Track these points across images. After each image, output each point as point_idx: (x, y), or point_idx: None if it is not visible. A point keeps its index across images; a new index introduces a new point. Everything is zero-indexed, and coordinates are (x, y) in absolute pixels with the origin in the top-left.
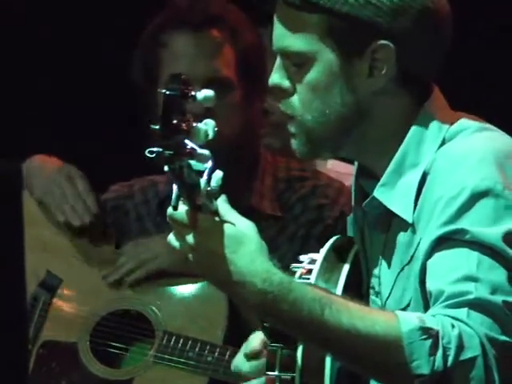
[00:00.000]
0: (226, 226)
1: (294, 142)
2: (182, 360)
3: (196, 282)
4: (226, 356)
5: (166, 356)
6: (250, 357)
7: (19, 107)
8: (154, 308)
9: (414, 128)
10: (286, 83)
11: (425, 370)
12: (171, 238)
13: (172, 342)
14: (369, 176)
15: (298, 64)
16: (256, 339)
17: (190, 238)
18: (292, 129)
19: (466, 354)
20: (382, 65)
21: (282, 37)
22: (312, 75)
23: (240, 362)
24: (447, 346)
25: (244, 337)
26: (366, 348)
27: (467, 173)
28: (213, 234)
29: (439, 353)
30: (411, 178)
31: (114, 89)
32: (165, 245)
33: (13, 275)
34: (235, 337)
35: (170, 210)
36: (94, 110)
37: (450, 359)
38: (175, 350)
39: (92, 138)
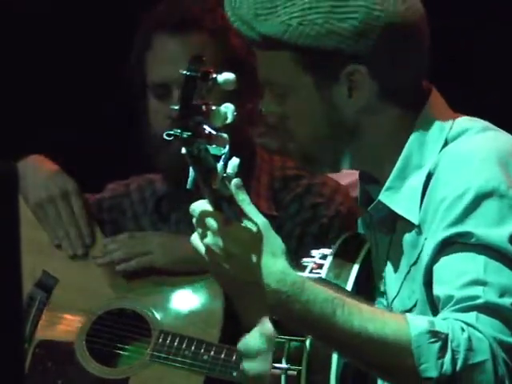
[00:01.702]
0: (245, 229)
1: (299, 161)
2: (178, 359)
3: (192, 282)
4: (222, 355)
5: (162, 355)
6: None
7: (17, 107)
8: (150, 307)
9: (415, 132)
10: (276, 109)
11: (433, 373)
12: (194, 239)
13: (168, 341)
14: (372, 181)
15: (281, 94)
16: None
17: (210, 239)
18: (292, 152)
19: (476, 358)
20: (360, 85)
21: (261, 70)
22: (294, 104)
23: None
24: (456, 349)
25: (241, 335)
26: (376, 350)
27: (471, 173)
28: (234, 239)
29: (448, 356)
30: (416, 180)
31: (112, 88)
32: (161, 242)
33: (9, 275)
34: (231, 336)
35: (192, 207)
36: (92, 109)
37: (459, 363)
38: (171, 349)
39: (89, 137)
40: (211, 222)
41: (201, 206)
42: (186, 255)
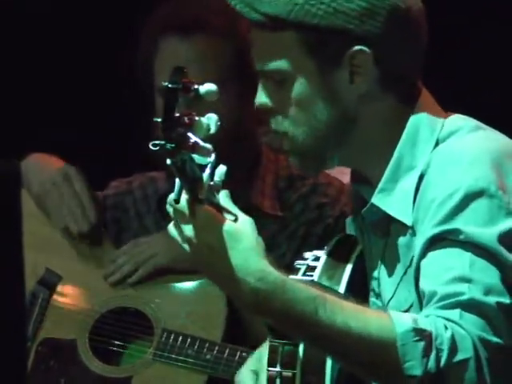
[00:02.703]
0: (224, 221)
1: (291, 160)
2: (181, 358)
3: (195, 280)
4: (225, 354)
5: (165, 354)
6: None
7: (18, 107)
8: (153, 306)
9: (406, 132)
10: (272, 102)
11: (417, 371)
12: (171, 227)
13: (171, 340)
14: (365, 182)
15: (280, 82)
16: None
17: (187, 229)
18: (286, 146)
19: (459, 356)
20: (362, 70)
21: (260, 58)
22: (294, 91)
23: (247, 379)
24: (440, 347)
25: (242, 335)
26: (359, 348)
27: (461, 173)
28: (210, 228)
29: (432, 354)
30: (408, 182)
31: (112, 87)
32: (164, 242)
33: (11, 273)
34: (234, 335)
35: (170, 198)
36: (94, 108)
37: (443, 361)
38: (174, 348)
39: (92, 135)
40: (193, 212)
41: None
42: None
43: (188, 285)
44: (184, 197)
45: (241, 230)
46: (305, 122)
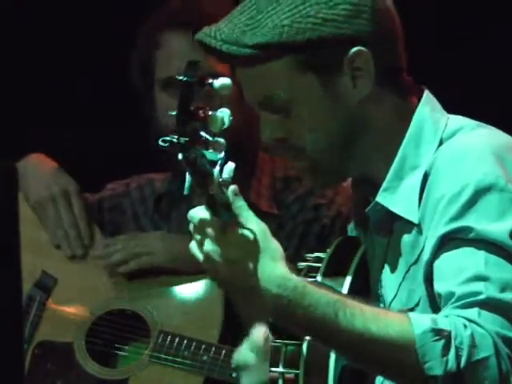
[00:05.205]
0: (244, 234)
1: (309, 178)
2: (178, 359)
3: (192, 282)
4: (222, 355)
5: (162, 355)
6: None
7: (17, 107)
8: (149, 308)
9: (410, 131)
10: (279, 132)
11: (438, 371)
12: (193, 246)
13: (167, 342)
14: (369, 184)
15: (283, 108)
16: (259, 334)
17: (209, 246)
18: (303, 164)
19: (479, 354)
20: (362, 71)
21: (256, 94)
22: (301, 111)
23: (249, 356)
24: (460, 346)
25: (239, 336)
26: (380, 350)
27: (469, 169)
28: (233, 245)
29: (452, 353)
30: (413, 180)
31: (113, 87)
32: (161, 241)
33: (8, 275)
34: (231, 336)
35: (191, 214)
36: (93, 109)
37: (463, 360)
38: (170, 350)
39: (89, 136)
40: (209, 230)
41: (199, 212)
42: (186, 254)
43: (185, 286)
44: (205, 213)
45: (260, 241)
46: (317, 137)
